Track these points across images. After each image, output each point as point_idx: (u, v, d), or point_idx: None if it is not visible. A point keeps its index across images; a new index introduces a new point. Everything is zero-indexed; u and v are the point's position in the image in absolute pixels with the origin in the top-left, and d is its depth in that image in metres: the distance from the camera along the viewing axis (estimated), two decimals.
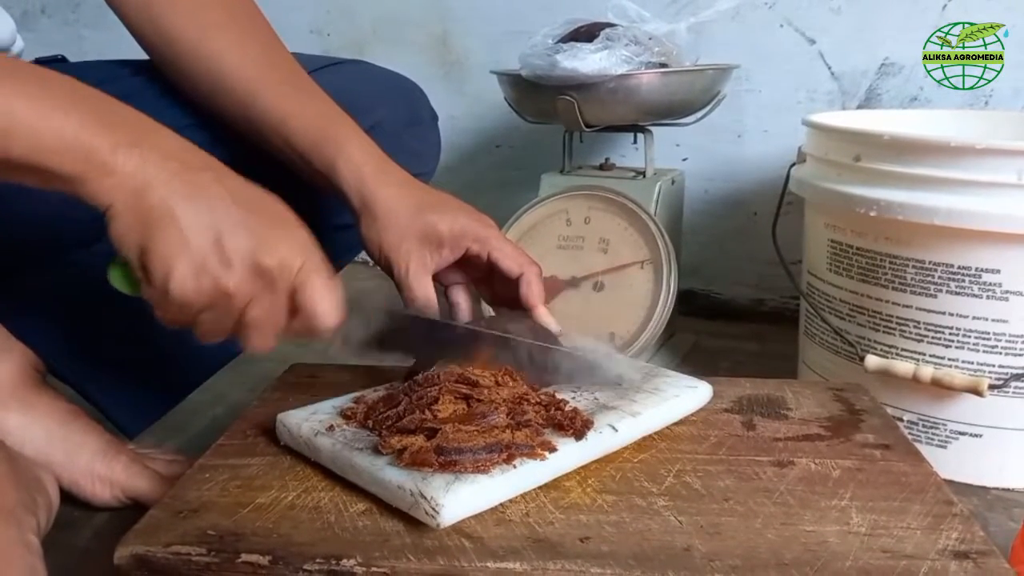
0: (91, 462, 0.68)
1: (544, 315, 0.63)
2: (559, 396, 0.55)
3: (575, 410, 0.53)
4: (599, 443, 0.52)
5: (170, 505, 0.48)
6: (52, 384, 0.71)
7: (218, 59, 0.64)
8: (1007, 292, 0.70)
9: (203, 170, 0.48)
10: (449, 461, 0.46)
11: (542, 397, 0.54)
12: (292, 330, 0.51)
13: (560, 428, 0.51)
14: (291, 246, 0.49)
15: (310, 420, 0.53)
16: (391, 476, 0.46)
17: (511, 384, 0.54)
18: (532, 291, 0.63)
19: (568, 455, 0.50)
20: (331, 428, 0.52)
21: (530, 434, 0.49)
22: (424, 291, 0.61)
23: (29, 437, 0.67)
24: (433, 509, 0.44)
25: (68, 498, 0.67)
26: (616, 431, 0.53)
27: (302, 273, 0.49)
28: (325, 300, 0.50)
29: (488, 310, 0.70)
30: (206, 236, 0.46)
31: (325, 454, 0.51)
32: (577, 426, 0.51)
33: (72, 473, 0.68)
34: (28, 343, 0.69)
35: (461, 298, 0.67)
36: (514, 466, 0.47)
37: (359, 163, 0.62)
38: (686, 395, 0.59)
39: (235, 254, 0.47)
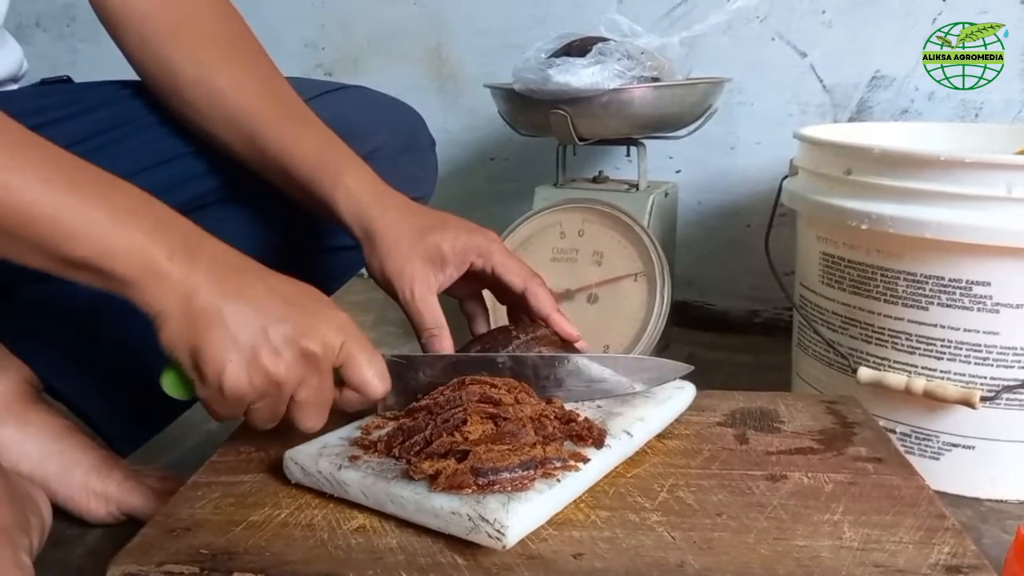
0: (86, 478, 0.68)
1: (561, 322, 0.64)
2: (568, 408, 0.56)
3: (587, 420, 0.54)
4: (621, 449, 0.53)
5: (162, 523, 0.48)
6: (47, 401, 0.71)
7: (219, 94, 0.65)
8: (998, 304, 0.70)
9: (246, 271, 0.51)
10: (487, 482, 0.45)
11: (558, 411, 0.54)
12: (343, 402, 0.54)
13: (580, 439, 0.52)
14: (331, 327, 0.51)
15: (324, 454, 0.51)
16: (442, 503, 0.45)
17: (531, 401, 0.54)
18: (542, 302, 0.64)
19: (599, 464, 0.51)
20: (354, 459, 0.51)
21: (558, 448, 0.50)
22: (432, 313, 0.62)
23: (24, 452, 0.67)
24: (499, 532, 0.43)
25: (61, 515, 0.67)
26: (632, 436, 0.54)
27: (344, 351, 0.52)
28: (369, 372, 0.53)
29: (502, 310, 0.70)
30: (253, 331, 0.49)
31: (355, 488, 0.49)
32: (595, 436, 0.52)
33: (67, 488, 0.68)
34: (24, 359, 0.69)
35: (477, 310, 0.69)
36: (558, 480, 0.47)
37: (357, 193, 0.63)
38: (677, 396, 0.60)
39: (281, 343, 0.49)
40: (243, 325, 0.48)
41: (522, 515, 0.44)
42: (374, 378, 0.53)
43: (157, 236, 0.48)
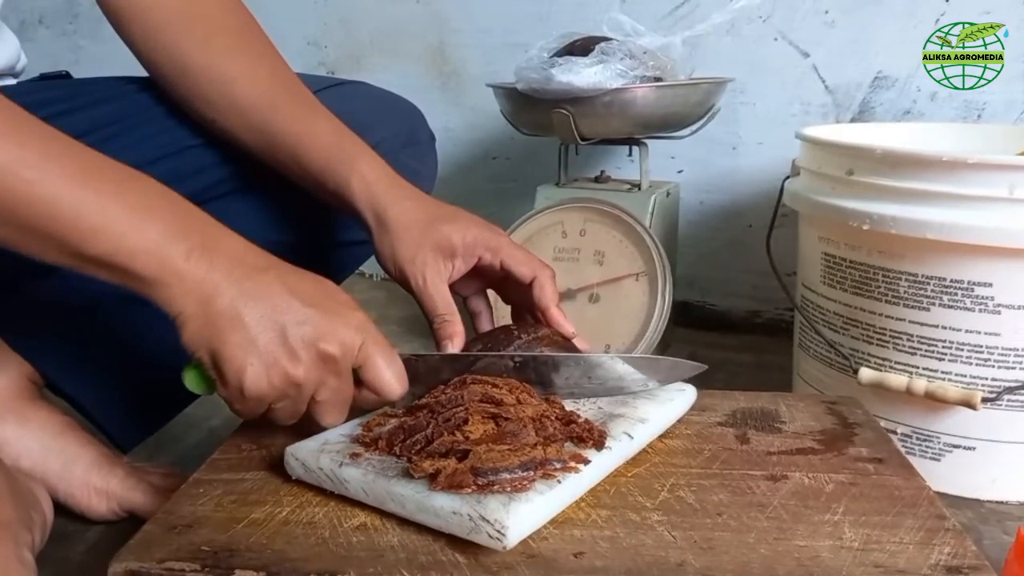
0: (87, 474, 0.68)
1: (557, 316, 0.64)
2: (567, 408, 0.56)
3: (588, 421, 0.54)
4: (621, 451, 0.53)
5: (164, 520, 0.48)
6: (48, 397, 0.71)
7: (231, 83, 0.65)
8: (999, 305, 0.70)
9: (265, 270, 0.51)
10: (487, 482, 0.45)
11: (559, 412, 0.54)
12: (361, 401, 0.54)
13: (581, 441, 0.52)
14: (349, 329, 0.51)
15: (325, 451, 0.51)
16: (442, 502, 0.45)
17: (533, 401, 0.55)
18: (545, 294, 0.64)
19: (599, 465, 0.51)
20: (355, 457, 0.50)
21: (558, 448, 0.50)
22: (444, 300, 0.62)
23: (25, 449, 0.67)
24: (499, 532, 0.43)
25: (62, 511, 0.67)
26: (632, 438, 0.54)
27: (362, 352, 0.52)
28: (387, 373, 0.53)
29: (505, 310, 0.71)
30: (272, 334, 0.49)
31: (355, 485, 0.49)
32: (596, 437, 0.52)
33: (68, 485, 0.68)
34: (25, 356, 0.69)
35: (481, 307, 0.69)
36: (558, 481, 0.47)
37: (371, 180, 0.63)
38: (678, 398, 0.60)
39: (300, 346, 0.49)
40: (262, 328, 0.49)
41: (522, 516, 0.44)
42: (392, 379, 0.53)
43: (175, 234, 0.48)
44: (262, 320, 0.49)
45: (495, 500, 0.44)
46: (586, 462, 0.49)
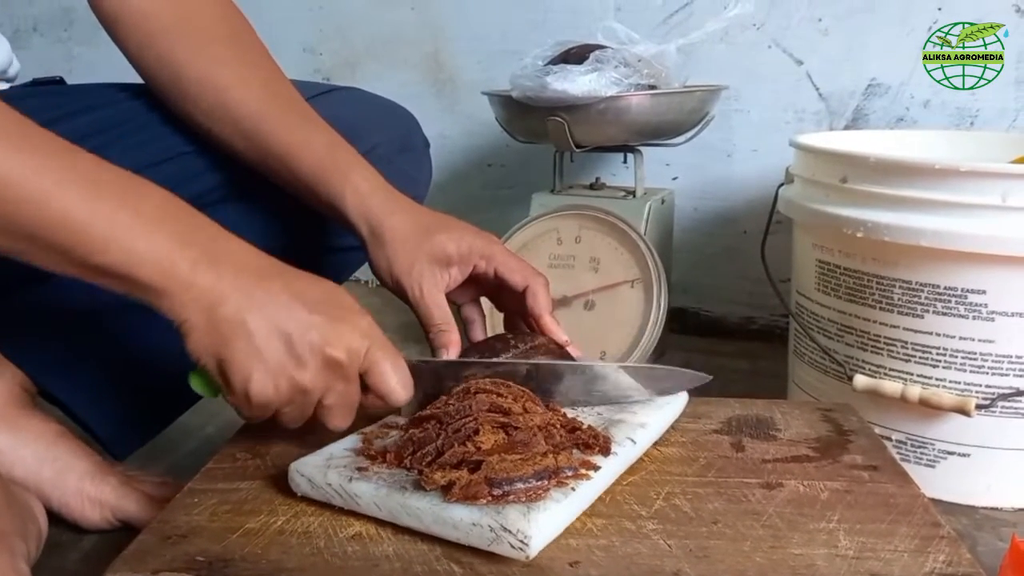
0: (81, 483, 0.68)
1: (550, 324, 0.64)
2: (569, 415, 0.56)
3: (592, 428, 0.54)
4: (625, 456, 0.53)
5: (158, 530, 0.48)
6: (42, 406, 0.71)
7: (225, 93, 0.65)
8: (993, 312, 0.71)
9: (271, 278, 0.51)
10: (503, 492, 0.45)
11: (563, 420, 0.54)
12: (367, 405, 0.54)
13: (587, 447, 0.52)
14: (355, 334, 0.51)
15: (332, 466, 0.51)
16: (461, 515, 0.45)
17: (538, 410, 0.55)
18: (538, 302, 0.64)
19: (608, 471, 0.51)
20: (363, 471, 0.50)
21: (568, 456, 0.50)
22: (440, 310, 0.63)
23: (18, 458, 0.67)
24: (522, 542, 0.43)
25: (56, 520, 0.67)
26: (635, 443, 0.54)
27: (368, 357, 0.52)
28: (393, 379, 0.53)
29: (499, 318, 0.71)
30: (278, 341, 0.49)
31: (367, 499, 0.48)
32: (601, 443, 0.52)
33: (62, 494, 0.67)
34: (18, 364, 0.69)
35: (475, 315, 0.70)
36: (572, 488, 0.47)
37: (365, 192, 0.64)
38: (673, 402, 0.61)
39: (306, 352, 0.49)
40: (268, 336, 0.49)
41: (543, 524, 0.44)
42: (398, 386, 0.53)
43: (182, 243, 0.48)
44: (268, 328, 0.49)
45: (514, 510, 0.44)
46: (596, 468, 0.50)
